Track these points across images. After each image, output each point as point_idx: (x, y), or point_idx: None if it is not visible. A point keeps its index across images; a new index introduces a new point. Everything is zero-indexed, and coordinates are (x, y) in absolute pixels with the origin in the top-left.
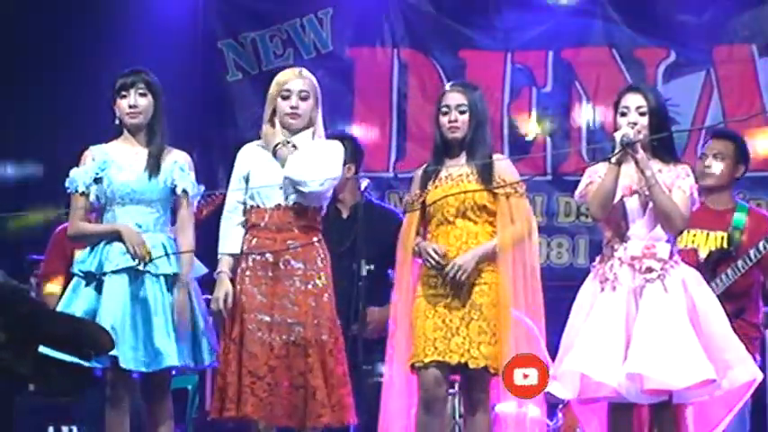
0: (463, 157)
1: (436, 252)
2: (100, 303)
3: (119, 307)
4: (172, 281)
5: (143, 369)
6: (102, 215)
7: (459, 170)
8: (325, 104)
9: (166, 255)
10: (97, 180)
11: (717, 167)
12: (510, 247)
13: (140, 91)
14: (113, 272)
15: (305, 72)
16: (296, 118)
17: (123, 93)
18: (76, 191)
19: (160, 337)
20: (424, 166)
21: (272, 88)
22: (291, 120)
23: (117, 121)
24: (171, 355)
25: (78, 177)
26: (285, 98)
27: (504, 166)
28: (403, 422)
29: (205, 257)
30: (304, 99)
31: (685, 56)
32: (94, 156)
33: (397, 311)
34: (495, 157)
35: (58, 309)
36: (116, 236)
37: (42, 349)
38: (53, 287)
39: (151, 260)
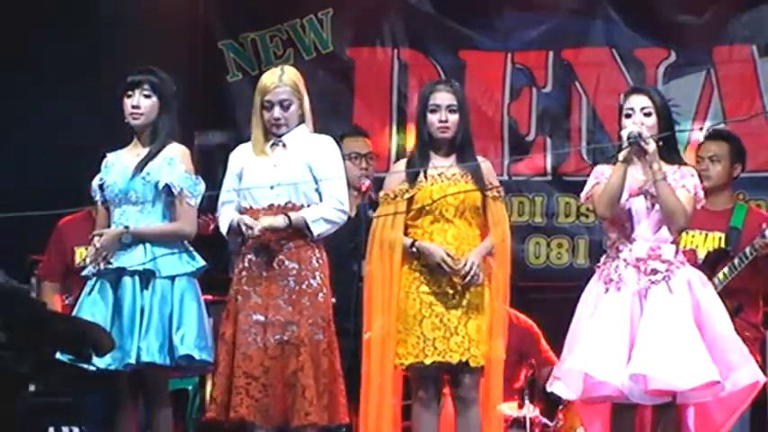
0: (453, 157)
1: (452, 258)
2: (80, 303)
3: (90, 306)
4: (147, 279)
5: (112, 367)
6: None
7: (450, 170)
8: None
9: (153, 259)
10: (102, 186)
11: (713, 170)
12: (503, 246)
13: (145, 92)
14: (100, 275)
15: (285, 76)
16: (281, 127)
17: (129, 92)
18: (95, 199)
19: (125, 335)
20: (405, 161)
21: (255, 95)
22: (277, 129)
23: (125, 120)
24: (129, 353)
25: (94, 185)
26: (268, 109)
27: (490, 169)
28: (392, 420)
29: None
30: (287, 108)
31: (685, 56)
32: (107, 162)
33: (389, 309)
34: (480, 159)
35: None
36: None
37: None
38: (52, 286)
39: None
